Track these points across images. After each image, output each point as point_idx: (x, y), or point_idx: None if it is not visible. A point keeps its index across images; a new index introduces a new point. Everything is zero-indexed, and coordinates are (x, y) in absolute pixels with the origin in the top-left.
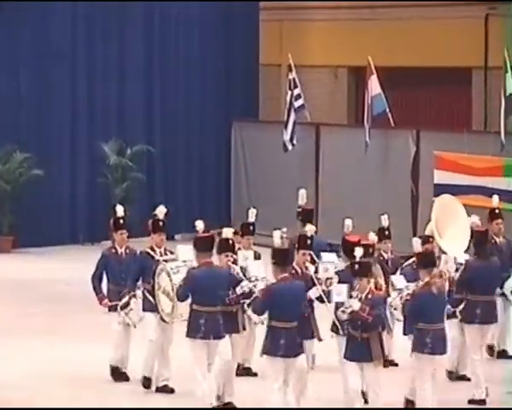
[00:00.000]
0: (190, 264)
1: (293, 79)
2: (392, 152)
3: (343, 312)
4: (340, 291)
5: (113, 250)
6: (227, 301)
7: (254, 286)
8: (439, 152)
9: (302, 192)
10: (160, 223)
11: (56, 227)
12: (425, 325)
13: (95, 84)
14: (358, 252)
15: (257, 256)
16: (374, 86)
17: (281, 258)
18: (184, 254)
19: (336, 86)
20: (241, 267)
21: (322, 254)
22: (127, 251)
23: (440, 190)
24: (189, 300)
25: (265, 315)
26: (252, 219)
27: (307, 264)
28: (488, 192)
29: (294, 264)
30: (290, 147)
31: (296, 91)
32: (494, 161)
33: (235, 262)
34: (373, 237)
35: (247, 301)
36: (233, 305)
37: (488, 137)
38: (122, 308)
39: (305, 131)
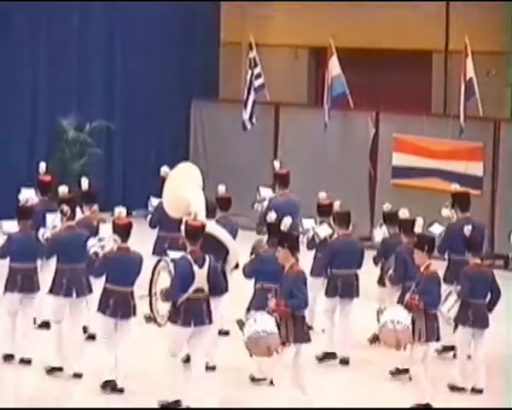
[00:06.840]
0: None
1: (254, 58)
2: (351, 134)
3: None
4: None
5: None
6: None
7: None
8: (398, 134)
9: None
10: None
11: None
12: None
13: (55, 59)
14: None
15: None
16: (334, 67)
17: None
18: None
19: (296, 66)
20: None
21: None
22: None
23: (398, 172)
24: None
25: None
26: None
27: None
28: (446, 176)
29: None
30: (249, 126)
31: (256, 70)
32: (453, 144)
33: None
34: None
35: None
36: None
37: (447, 121)
38: None
39: (265, 110)
